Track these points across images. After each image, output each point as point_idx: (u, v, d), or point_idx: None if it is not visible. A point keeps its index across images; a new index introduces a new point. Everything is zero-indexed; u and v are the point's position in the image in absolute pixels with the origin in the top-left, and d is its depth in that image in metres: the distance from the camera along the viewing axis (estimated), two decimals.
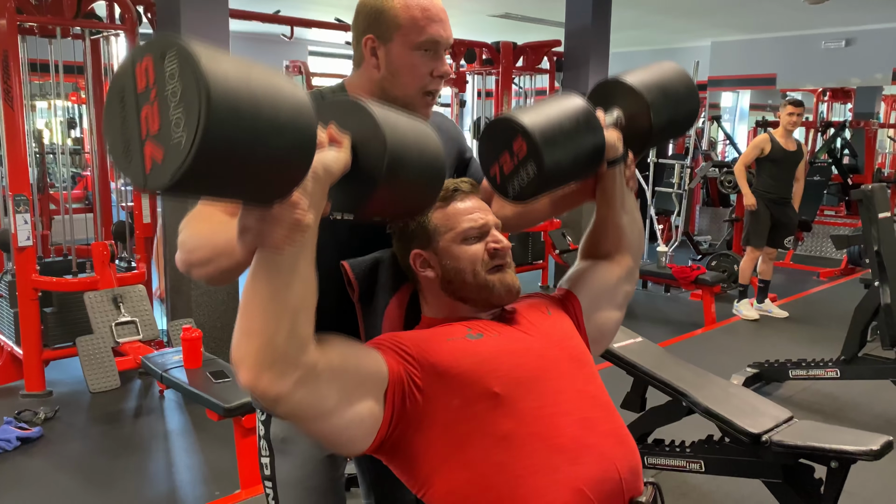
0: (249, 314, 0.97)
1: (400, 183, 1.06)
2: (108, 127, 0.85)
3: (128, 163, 0.83)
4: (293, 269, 0.96)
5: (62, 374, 4.00)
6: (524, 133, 1.23)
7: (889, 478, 2.87)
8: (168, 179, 0.78)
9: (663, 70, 1.47)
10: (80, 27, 4.04)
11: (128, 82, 0.82)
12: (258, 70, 0.85)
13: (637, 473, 1.17)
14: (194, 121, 0.76)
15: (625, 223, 1.44)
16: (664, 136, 1.48)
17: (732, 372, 3.90)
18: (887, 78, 9.01)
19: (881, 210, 3.50)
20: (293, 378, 0.97)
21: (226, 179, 0.83)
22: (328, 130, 1.00)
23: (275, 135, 0.83)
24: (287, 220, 0.92)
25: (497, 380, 1.11)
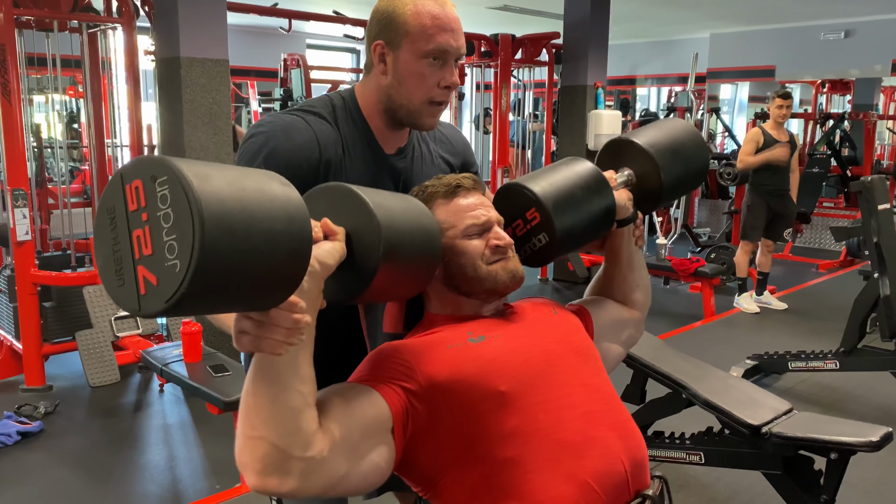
0: (250, 420, 0.95)
1: (397, 267, 1.05)
2: (99, 244, 0.83)
3: (119, 284, 0.81)
4: (293, 370, 0.95)
5: (62, 368, 4.01)
6: (538, 204, 1.27)
7: (888, 469, 2.88)
8: (163, 304, 0.77)
9: (673, 129, 1.49)
10: (78, 21, 4.03)
11: (118, 201, 0.81)
12: (251, 181, 0.84)
13: (643, 466, 1.16)
14: (188, 247, 0.75)
15: (632, 281, 1.48)
16: (674, 194, 1.51)
17: (732, 364, 3.90)
18: (886, 69, 9.00)
19: (880, 202, 3.50)
20: (299, 473, 0.96)
21: (222, 298, 0.83)
22: (322, 223, 0.99)
23: (270, 247, 0.82)
24: (285, 324, 0.90)
25: (502, 378, 1.11)
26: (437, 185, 1.27)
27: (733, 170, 6.78)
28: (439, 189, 1.26)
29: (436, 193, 1.26)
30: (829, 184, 8.71)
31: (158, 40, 4.03)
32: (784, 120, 5.29)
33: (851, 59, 9.18)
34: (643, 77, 11.53)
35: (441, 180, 1.28)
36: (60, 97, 4.75)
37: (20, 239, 3.62)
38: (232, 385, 2.74)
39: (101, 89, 4.47)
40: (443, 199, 1.25)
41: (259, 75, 8.72)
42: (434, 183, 1.28)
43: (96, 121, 4.41)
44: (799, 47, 9.55)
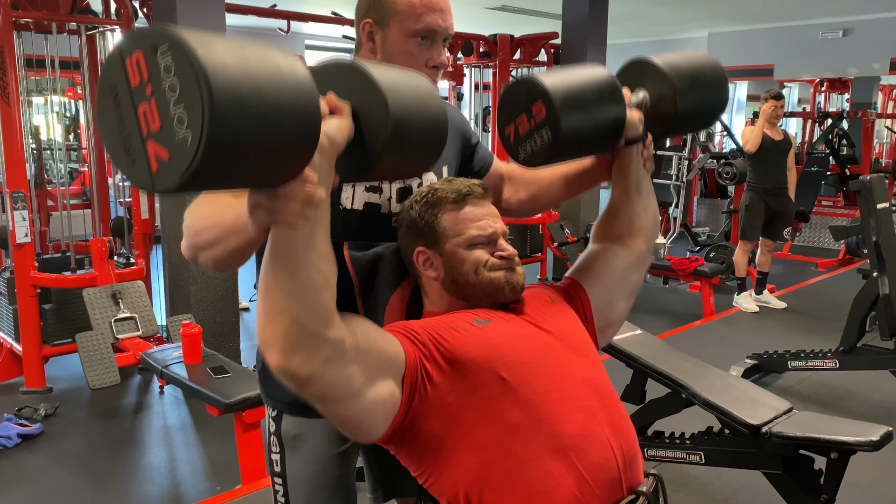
0: (272, 295, 0.96)
1: (405, 144, 1.03)
2: (104, 126, 0.81)
3: (130, 164, 0.79)
4: (310, 244, 0.96)
5: (62, 370, 4.01)
6: (545, 97, 1.20)
7: (888, 467, 2.89)
8: (177, 180, 0.75)
9: (697, 58, 1.43)
10: (76, 22, 4.02)
11: (119, 78, 0.78)
12: (254, 51, 0.81)
13: (635, 464, 1.17)
14: (198, 117, 0.72)
15: (639, 206, 1.42)
16: (688, 124, 1.45)
17: (731, 363, 3.91)
18: (885, 68, 9.00)
19: (879, 201, 3.50)
20: (322, 356, 0.97)
21: (235, 171, 0.80)
22: (327, 99, 0.98)
23: (280, 118, 0.80)
24: (299, 196, 0.90)
25: (504, 365, 1.13)
26: (446, 189, 1.27)
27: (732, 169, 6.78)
28: (449, 195, 1.26)
29: (445, 199, 1.26)
30: (828, 182, 8.72)
31: None
32: (778, 120, 5.33)
33: (850, 57, 9.19)
34: None
35: (451, 184, 1.27)
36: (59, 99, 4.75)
37: (20, 241, 3.62)
38: (232, 387, 2.74)
39: None
40: (452, 206, 1.25)
41: None
42: (443, 186, 1.27)
43: (96, 122, 4.40)
44: (797, 46, 9.55)
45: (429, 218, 1.25)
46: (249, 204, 0.93)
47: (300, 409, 1.37)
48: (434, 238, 1.25)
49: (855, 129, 8.61)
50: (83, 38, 4.10)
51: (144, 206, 4.16)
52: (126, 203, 4.52)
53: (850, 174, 8.08)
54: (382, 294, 1.33)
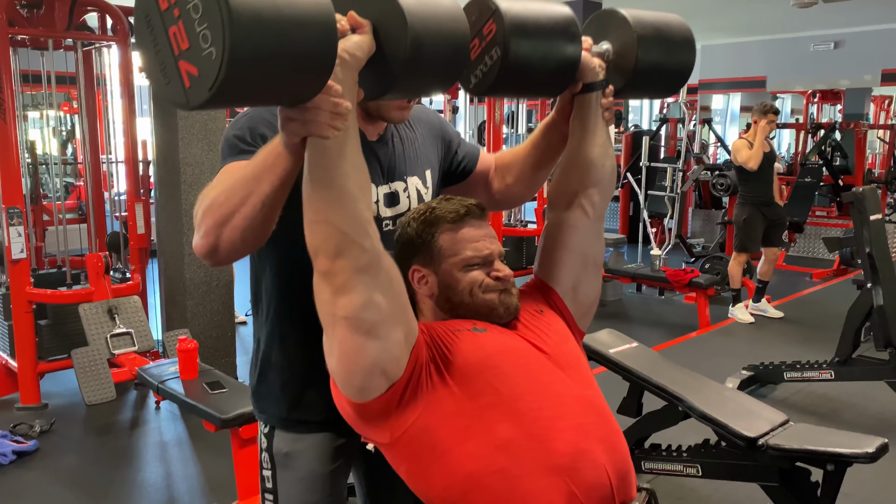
0: (314, 205, 1.04)
1: (425, 60, 1.06)
2: (142, 51, 0.89)
3: (167, 83, 0.86)
4: (342, 154, 1.03)
5: (58, 386, 3.99)
6: (496, 14, 1.17)
7: (885, 479, 2.89)
8: (207, 93, 0.82)
9: (664, 16, 1.43)
10: (72, 39, 4.04)
11: (151, 4, 0.86)
12: None
13: (628, 480, 1.18)
14: (220, 33, 0.80)
15: (596, 155, 1.38)
16: (649, 80, 1.41)
17: (728, 374, 3.92)
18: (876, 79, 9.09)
19: (872, 212, 3.53)
20: (361, 263, 1.05)
21: (260, 82, 0.87)
22: (349, 16, 1.02)
23: (298, 32, 0.86)
24: (327, 107, 0.97)
25: (499, 377, 1.14)
26: (445, 208, 1.27)
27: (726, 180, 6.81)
28: (447, 214, 1.26)
29: (443, 218, 1.26)
30: (822, 193, 8.76)
31: None
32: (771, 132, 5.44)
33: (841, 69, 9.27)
34: None
35: (449, 203, 1.28)
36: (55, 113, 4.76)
37: (15, 257, 3.61)
38: (228, 402, 2.74)
39: (96, 106, 4.47)
40: (449, 225, 1.26)
41: None
42: (442, 205, 1.28)
43: (91, 137, 4.41)
44: (789, 58, 9.64)
45: (426, 237, 1.26)
46: (281, 118, 1.01)
47: (292, 424, 1.37)
48: (430, 257, 1.26)
49: (847, 140, 8.67)
50: (79, 53, 4.12)
51: (140, 221, 4.16)
52: (122, 218, 4.51)
53: (843, 185, 8.12)
54: None
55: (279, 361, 1.37)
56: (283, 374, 1.37)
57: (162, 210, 4.07)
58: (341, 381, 1.12)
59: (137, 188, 4.23)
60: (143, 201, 4.23)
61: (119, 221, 4.50)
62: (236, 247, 1.12)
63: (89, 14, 4.22)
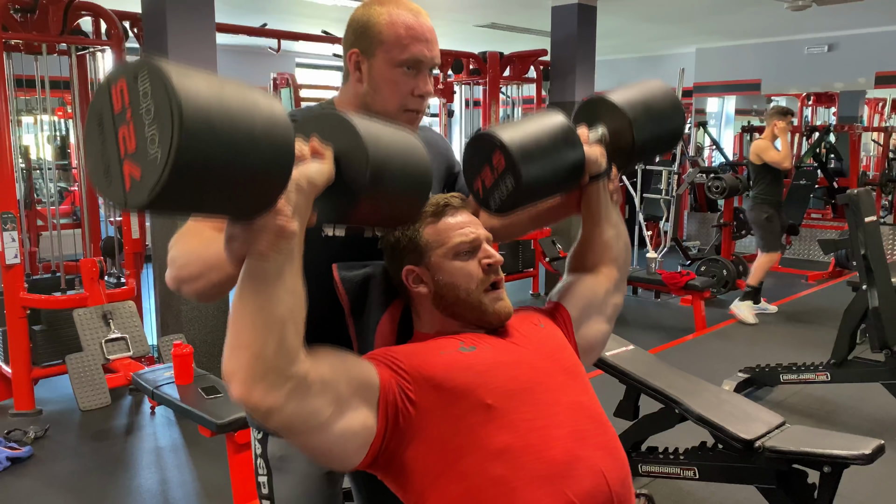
0: (238, 327, 0.98)
1: (384, 193, 1.07)
2: (89, 151, 0.86)
3: (108, 184, 0.83)
4: (279, 278, 0.97)
5: (52, 392, 3.97)
6: (502, 147, 1.25)
7: (881, 480, 2.89)
8: (146, 196, 0.78)
9: (648, 88, 1.51)
10: (66, 43, 4.03)
11: (104, 105, 0.83)
12: (232, 85, 0.86)
13: (627, 486, 1.17)
14: (168, 136, 0.77)
15: (610, 237, 1.46)
16: (648, 151, 1.51)
17: (724, 377, 3.92)
18: (870, 82, 9.11)
19: (867, 214, 3.53)
20: (284, 390, 0.97)
21: (205, 194, 0.84)
22: (311, 143, 1.01)
23: (250, 147, 0.84)
24: (272, 228, 0.93)
25: (490, 392, 1.12)
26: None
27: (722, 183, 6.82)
28: (427, 209, 1.27)
29: (424, 213, 1.27)
30: (817, 195, 8.78)
31: None
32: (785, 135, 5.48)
33: (835, 72, 9.29)
34: None
35: (429, 199, 1.29)
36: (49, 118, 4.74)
37: (9, 262, 3.60)
38: (224, 407, 2.73)
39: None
40: (431, 219, 1.27)
41: None
42: None
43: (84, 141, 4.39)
44: (784, 61, 9.65)
45: (410, 234, 1.26)
46: (226, 234, 0.96)
47: None
48: (419, 254, 1.26)
49: (842, 142, 8.69)
50: (73, 58, 4.11)
51: (135, 226, 4.15)
52: (116, 222, 4.50)
53: (838, 187, 8.14)
54: (373, 314, 1.33)
55: None
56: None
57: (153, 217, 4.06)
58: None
59: None
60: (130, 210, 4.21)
61: (113, 226, 4.48)
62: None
63: (83, 18, 4.21)
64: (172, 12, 3.82)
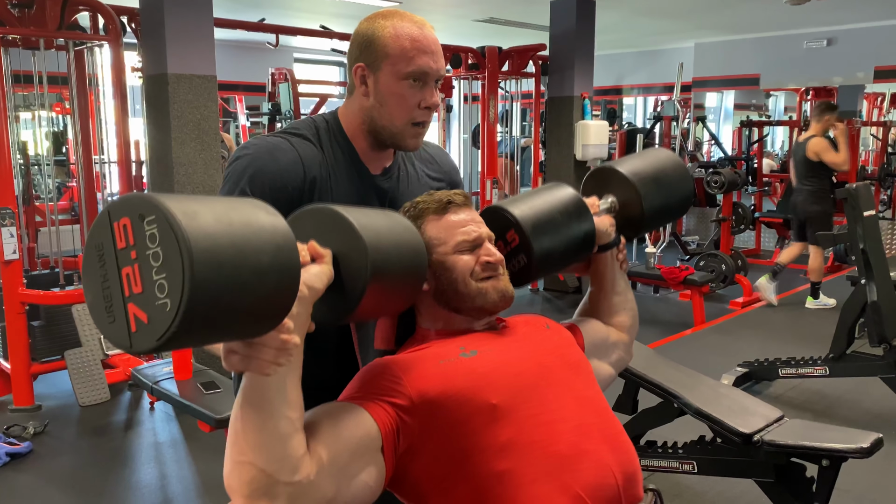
0: (239, 445, 0.96)
1: (384, 287, 1.07)
2: (88, 283, 0.84)
3: (111, 321, 0.82)
4: (281, 393, 0.95)
5: (51, 387, 3.97)
6: (516, 226, 1.31)
7: (879, 474, 2.90)
8: (154, 342, 0.78)
9: (657, 158, 1.55)
10: (64, 38, 4.02)
11: (106, 238, 0.82)
12: (237, 214, 0.85)
13: (635, 480, 1.17)
14: (178, 287, 0.76)
15: (616, 304, 1.51)
16: (657, 222, 1.56)
17: (722, 371, 3.92)
18: (869, 76, 9.10)
19: (866, 208, 3.53)
20: (286, 497, 0.96)
21: (212, 333, 0.84)
22: (309, 247, 1.00)
23: (259, 281, 0.83)
24: (273, 344, 0.91)
25: (494, 392, 1.11)
26: (428, 201, 1.28)
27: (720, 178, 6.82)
28: (431, 205, 1.27)
29: (427, 209, 1.26)
30: None
31: (146, 57, 4.03)
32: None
33: (834, 66, 9.29)
34: (629, 87, 11.61)
35: (432, 196, 1.29)
36: (47, 114, 4.73)
37: (7, 258, 3.59)
38: (223, 402, 2.73)
39: (89, 106, 4.45)
40: (434, 216, 1.26)
41: (247, 90, 8.71)
42: (425, 199, 1.28)
43: (83, 137, 4.39)
44: (782, 55, 9.65)
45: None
46: (224, 349, 0.94)
47: None
48: None
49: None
50: (71, 53, 4.10)
51: None
52: None
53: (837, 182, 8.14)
54: None
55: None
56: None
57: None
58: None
59: (131, 188, 4.21)
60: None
61: None
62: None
63: (81, 14, 4.20)
64: (170, 7, 3.81)
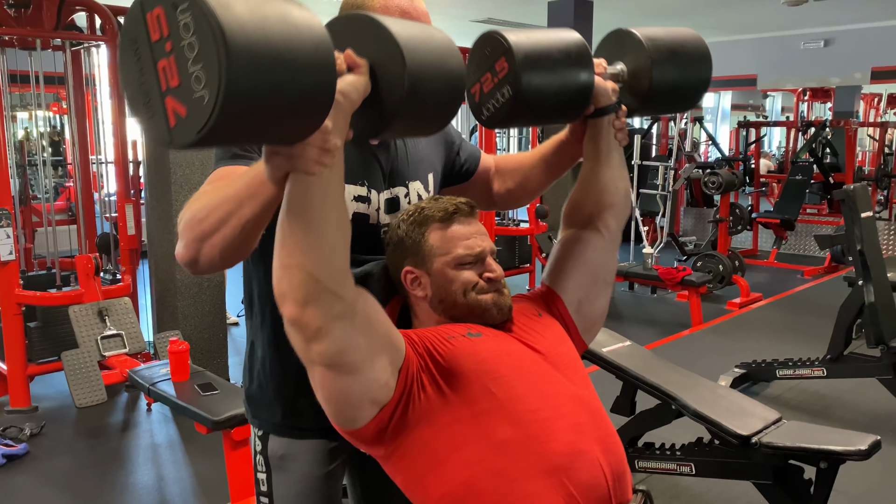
0: (287, 249, 0.99)
1: (421, 102, 1.01)
2: (125, 77, 0.84)
3: (150, 117, 0.82)
4: (325, 195, 0.98)
5: (48, 389, 3.96)
6: (507, 53, 1.18)
7: (877, 476, 2.90)
8: (194, 136, 0.78)
9: (680, 33, 1.39)
10: (61, 39, 4.00)
11: (140, 31, 0.81)
12: (272, 8, 0.82)
13: (624, 481, 1.17)
14: (215, 76, 0.75)
15: (608, 178, 1.38)
16: (665, 100, 1.41)
17: (720, 372, 3.92)
18: (866, 77, 9.13)
19: (863, 209, 3.54)
20: (335, 311, 1.00)
21: (251, 128, 0.84)
22: (346, 55, 0.97)
23: (295, 77, 0.82)
24: (316, 142, 0.93)
25: (495, 380, 1.13)
26: (433, 208, 1.26)
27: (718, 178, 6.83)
28: (436, 213, 1.25)
29: (432, 217, 1.25)
30: (812, 190, 8.80)
31: None
32: None
33: (831, 67, 9.31)
34: None
35: (438, 203, 1.27)
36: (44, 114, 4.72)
37: (4, 259, 3.58)
38: (220, 404, 2.72)
39: (85, 106, 4.44)
40: (439, 224, 1.25)
41: None
42: (430, 205, 1.27)
43: (80, 137, 4.38)
44: (780, 56, 9.67)
45: (416, 237, 1.25)
46: (266, 151, 0.96)
47: (287, 429, 1.36)
48: (422, 257, 1.24)
49: (838, 137, 8.70)
50: (68, 54, 4.09)
51: (131, 222, 4.14)
52: (112, 219, 4.48)
53: (833, 182, 8.16)
54: None
55: (274, 367, 1.35)
56: (278, 379, 1.35)
57: (152, 211, 4.05)
58: (331, 416, 1.11)
59: (128, 189, 4.20)
60: (134, 202, 4.20)
61: (109, 222, 4.46)
62: (215, 262, 1.10)
63: (78, 14, 4.19)
64: None
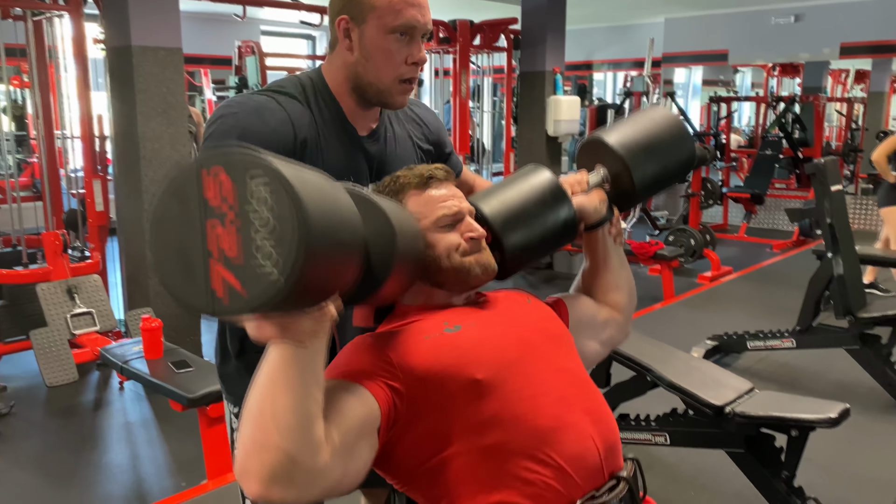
0: (265, 427, 0.89)
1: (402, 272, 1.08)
2: (161, 224, 0.79)
3: (184, 280, 0.77)
4: (312, 371, 0.91)
5: (16, 368, 3.89)
6: (486, 223, 1.26)
7: (844, 444, 2.97)
8: (249, 310, 0.76)
9: (651, 121, 1.42)
10: (22, 8, 3.88)
11: (191, 186, 0.76)
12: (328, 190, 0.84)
13: (616, 449, 1.18)
14: (290, 260, 0.73)
15: (610, 281, 1.45)
16: (652, 190, 1.47)
17: (692, 344, 3.98)
18: (834, 53, 9.21)
19: (833, 183, 3.59)
20: (303, 482, 0.92)
21: (296, 304, 0.83)
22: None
23: (342, 255, 0.85)
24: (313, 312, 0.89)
25: (479, 367, 1.11)
26: (409, 175, 1.26)
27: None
28: (412, 180, 1.25)
29: (408, 184, 1.24)
30: (781, 165, 8.91)
31: (108, 29, 3.90)
32: None
33: (801, 42, 9.38)
34: (600, 62, 11.61)
35: (413, 170, 1.26)
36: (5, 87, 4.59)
37: None
38: (194, 381, 2.70)
39: (49, 79, 4.32)
40: (415, 190, 1.24)
41: (213, 63, 8.53)
42: (406, 174, 1.26)
43: (44, 111, 4.26)
44: (751, 32, 9.71)
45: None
46: (256, 317, 0.88)
47: None
48: None
49: (806, 112, 8.80)
50: (29, 24, 3.96)
51: (99, 198, 4.06)
52: (79, 195, 4.39)
53: (802, 157, 8.27)
54: None
55: (246, 342, 1.33)
56: (250, 355, 1.33)
57: (121, 187, 3.96)
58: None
59: (95, 164, 4.11)
60: (101, 178, 4.12)
61: (76, 199, 4.37)
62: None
63: None
64: None
